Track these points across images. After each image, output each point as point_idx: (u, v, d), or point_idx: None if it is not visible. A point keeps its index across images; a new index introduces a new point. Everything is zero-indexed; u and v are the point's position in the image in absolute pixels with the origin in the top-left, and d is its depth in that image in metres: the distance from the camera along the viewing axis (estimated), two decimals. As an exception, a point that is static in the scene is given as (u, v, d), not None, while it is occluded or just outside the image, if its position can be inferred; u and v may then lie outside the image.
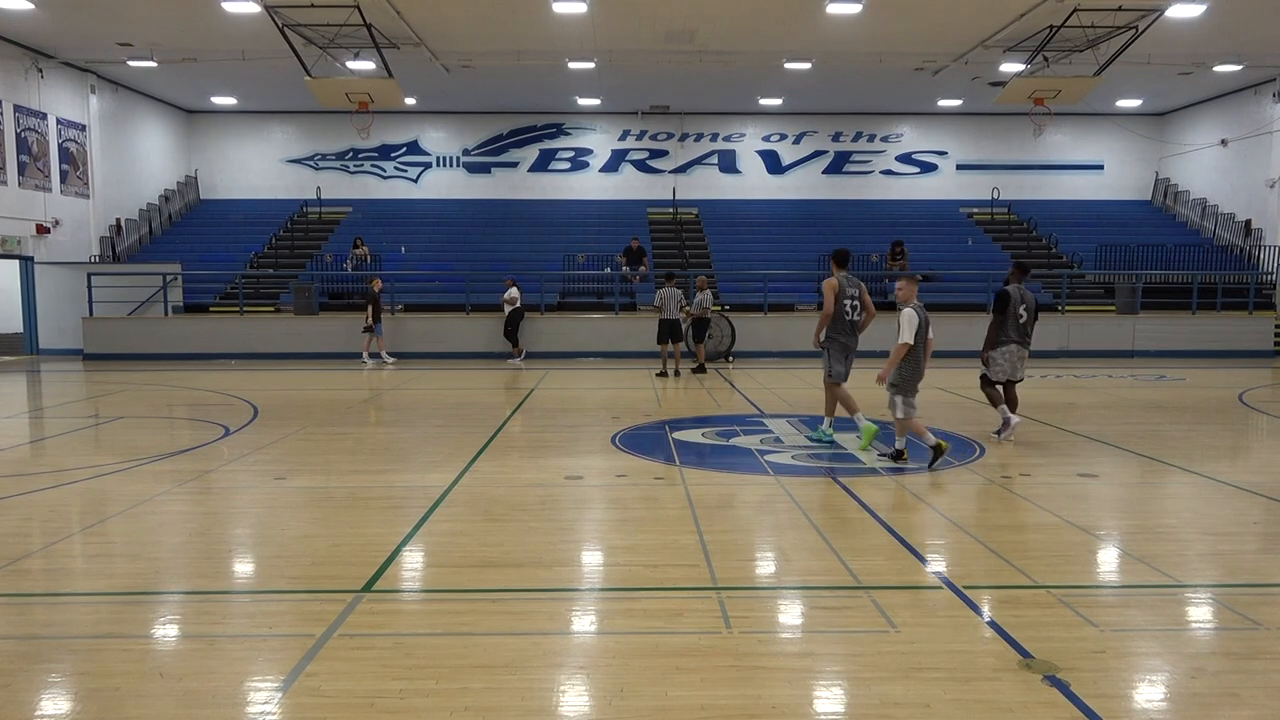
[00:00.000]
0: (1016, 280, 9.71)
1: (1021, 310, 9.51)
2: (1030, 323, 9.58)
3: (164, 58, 20.75)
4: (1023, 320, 9.52)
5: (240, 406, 12.27)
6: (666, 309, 16.40)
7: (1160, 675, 3.88)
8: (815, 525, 6.15)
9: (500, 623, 4.46)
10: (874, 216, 26.95)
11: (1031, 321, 9.60)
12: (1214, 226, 26.06)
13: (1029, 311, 9.55)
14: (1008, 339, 9.49)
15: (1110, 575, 5.37)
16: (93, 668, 3.93)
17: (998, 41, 19.57)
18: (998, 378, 9.60)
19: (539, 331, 20.43)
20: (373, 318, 18.81)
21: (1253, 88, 24.15)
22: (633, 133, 28.50)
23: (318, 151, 28.31)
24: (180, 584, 5.15)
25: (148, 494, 7.13)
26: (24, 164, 20.40)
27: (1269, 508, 6.81)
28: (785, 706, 3.56)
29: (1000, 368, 9.54)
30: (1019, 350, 9.50)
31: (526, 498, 7.06)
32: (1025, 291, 9.59)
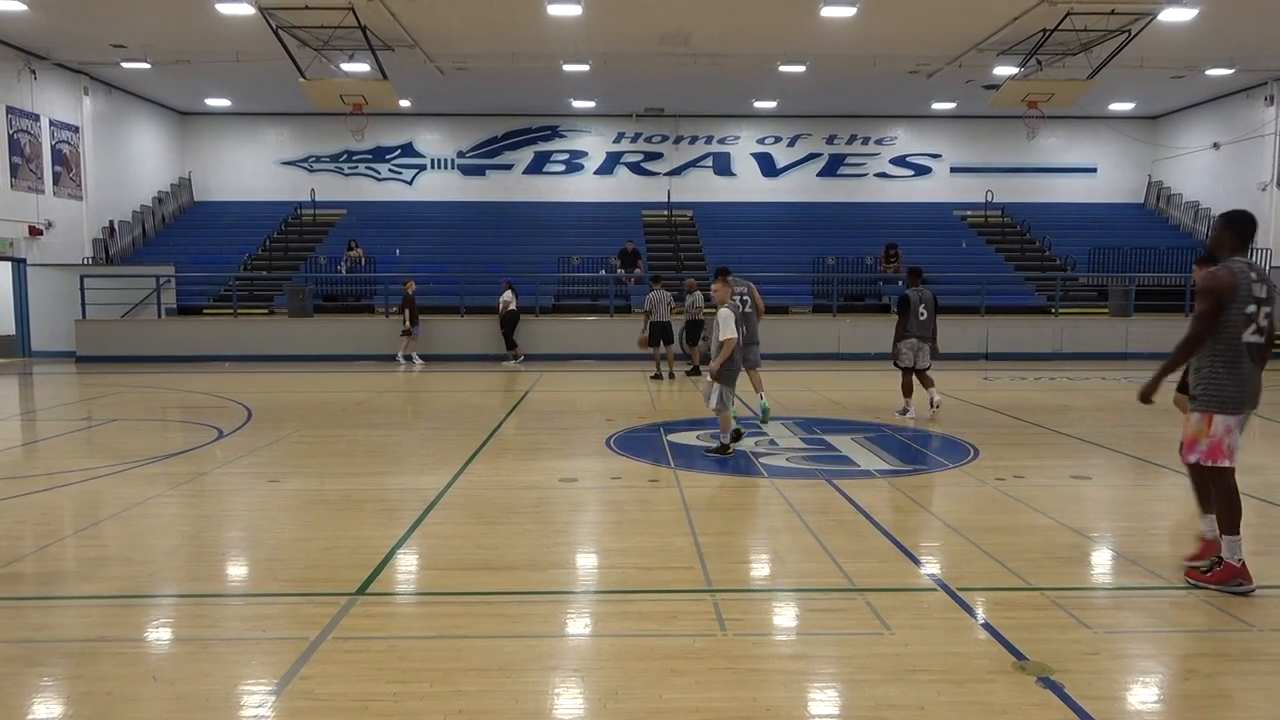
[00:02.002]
0: (914, 284, 11.36)
1: (921, 310, 11.18)
2: (930, 319, 11.23)
3: (158, 59, 20.70)
4: (923, 318, 11.19)
5: (234, 409, 12.23)
6: (657, 312, 16.44)
7: (1153, 677, 3.89)
8: (809, 527, 6.16)
9: (494, 625, 4.45)
10: (868, 219, 26.99)
11: (932, 318, 11.25)
12: (1206, 229, 26.12)
13: (928, 310, 11.22)
14: (911, 334, 11.15)
15: (1104, 577, 5.38)
16: (86, 671, 3.92)
17: (991, 45, 19.63)
18: (904, 364, 11.25)
19: (534, 334, 20.42)
20: (410, 320, 19.10)
21: (1245, 91, 24.26)
22: (627, 135, 28.52)
23: (312, 153, 28.28)
24: (174, 587, 5.14)
25: (141, 497, 7.11)
26: (16, 165, 20.33)
27: (1261, 510, 6.84)
28: (780, 709, 3.56)
29: (905, 357, 11.23)
30: (919, 343, 11.18)
31: (521, 500, 7.05)
32: (924, 293, 11.26)
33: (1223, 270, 4.88)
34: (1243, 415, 4.94)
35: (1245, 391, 4.89)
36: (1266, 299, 4.88)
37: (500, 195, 28.28)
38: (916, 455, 8.98)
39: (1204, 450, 4.98)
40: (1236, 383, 4.87)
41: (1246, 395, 4.90)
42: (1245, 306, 4.81)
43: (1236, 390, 4.88)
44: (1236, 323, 4.82)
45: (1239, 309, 4.81)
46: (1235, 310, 4.81)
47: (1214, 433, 4.92)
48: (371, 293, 22.94)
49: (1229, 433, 4.92)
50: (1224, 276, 4.84)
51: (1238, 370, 4.87)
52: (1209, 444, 4.95)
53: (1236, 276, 4.82)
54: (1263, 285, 4.88)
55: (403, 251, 24.66)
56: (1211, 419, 4.93)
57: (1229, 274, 4.84)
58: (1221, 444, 4.92)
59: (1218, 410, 4.91)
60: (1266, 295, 4.88)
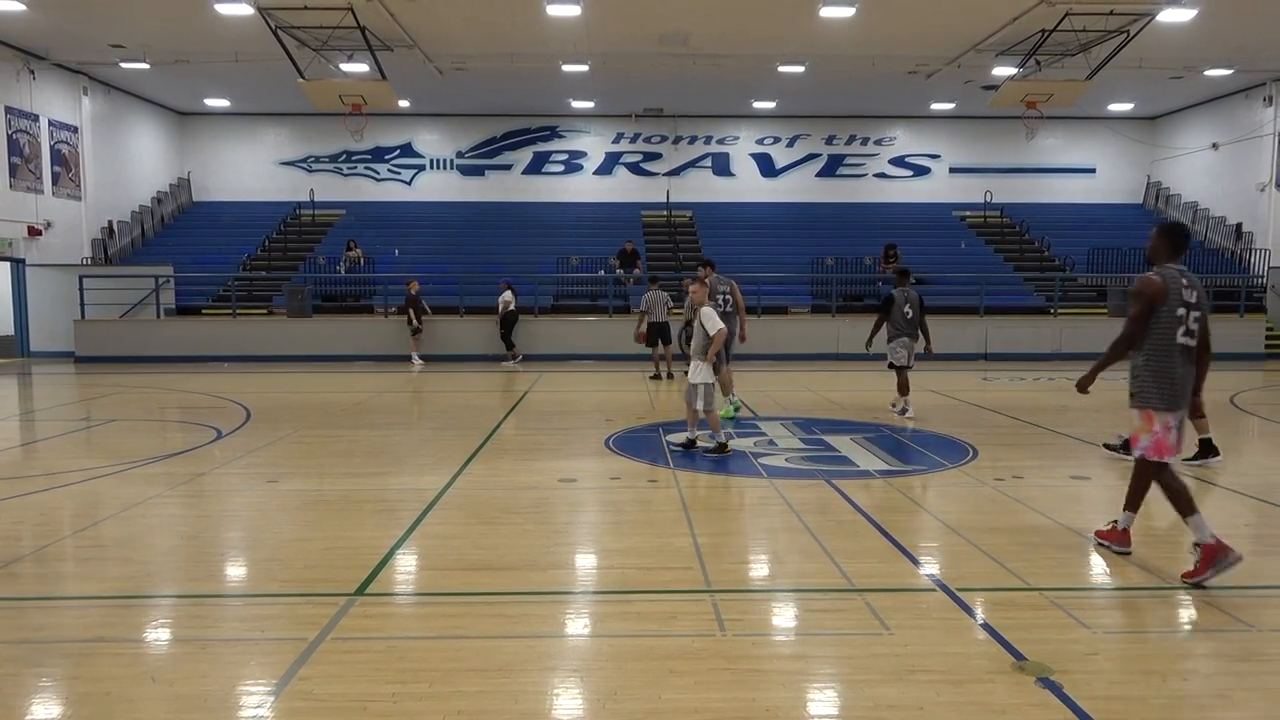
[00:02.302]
0: (901, 285, 11.48)
1: (906, 308, 11.29)
2: (917, 317, 11.35)
3: (156, 59, 20.69)
4: (909, 316, 11.30)
5: (233, 409, 12.23)
6: (654, 312, 16.47)
7: (1153, 677, 3.89)
8: (809, 528, 6.16)
9: (493, 626, 4.45)
10: (867, 219, 27.00)
11: (918, 316, 11.35)
12: (1205, 230, 26.16)
13: (914, 308, 11.31)
14: (900, 332, 11.25)
15: (1103, 577, 5.38)
16: (84, 672, 3.92)
17: (990, 45, 19.64)
18: (900, 363, 11.34)
19: (533, 334, 20.43)
20: (416, 319, 19.20)
21: (1243, 92, 24.27)
22: (626, 135, 28.52)
23: (311, 154, 28.27)
24: (173, 587, 5.13)
25: (140, 497, 7.10)
26: (15, 166, 20.32)
27: (1260, 510, 6.84)
28: (779, 709, 3.56)
29: (899, 355, 11.30)
30: (909, 341, 11.28)
31: (520, 500, 7.05)
32: (909, 292, 11.36)
33: (1155, 276, 5.25)
34: (1178, 413, 5.23)
35: (1178, 390, 5.20)
36: (1196, 304, 5.22)
37: (499, 195, 28.27)
38: (915, 455, 8.98)
39: (1148, 447, 5.28)
40: (1169, 381, 5.19)
41: (1181, 394, 5.21)
42: (1175, 310, 5.17)
43: (1170, 388, 5.19)
44: (1168, 325, 5.17)
45: (1169, 312, 5.17)
46: (1166, 313, 5.17)
47: (1155, 430, 5.23)
48: (370, 293, 22.93)
49: (1168, 430, 5.22)
50: (1155, 282, 5.21)
51: (1171, 370, 5.19)
52: (1152, 441, 5.25)
53: (1167, 282, 5.19)
54: (1193, 291, 5.23)
55: (402, 252, 24.65)
56: (1153, 417, 5.23)
57: (1160, 280, 5.21)
58: (1165, 441, 5.22)
59: (1154, 408, 5.22)
60: (1197, 300, 5.23)
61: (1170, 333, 5.18)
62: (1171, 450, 5.24)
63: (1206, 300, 5.38)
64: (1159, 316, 5.20)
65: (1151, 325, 5.23)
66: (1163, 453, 5.23)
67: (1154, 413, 5.22)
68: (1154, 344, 5.23)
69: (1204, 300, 5.34)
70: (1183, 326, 5.18)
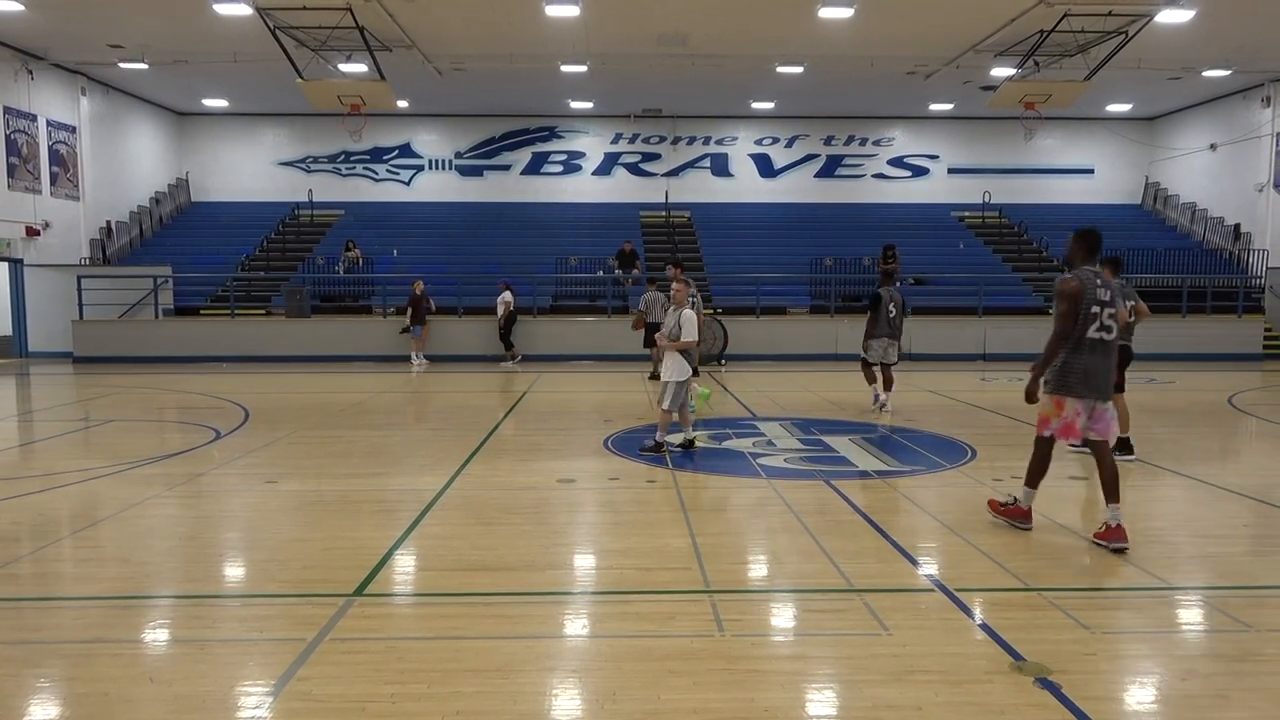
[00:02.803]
0: (885, 285, 11.94)
1: (891, 308, 11.70)
2: (899, 318, 11.83)
3: (155, 60, 20.68)
4: (892, 315, 11.72)
5: (231, 410, 12.22)
6: (652, 312, 16.51)
7: (1151, 677, 3.90)
8: (807, 528, 6.16)
9: (492, 626, 4.45)
10: (866, 220, 27.01)
11: (900, 317, 11.87)
12: (1203, 230, 26.19)
13: (897, 309, 11.78)
14: (881, 332, 11.69)
15: (1101, 578, 5.38)
16: (82, 673, 3.91)
17: (989, 46, 19.65)
18: (873, 360, 11.86)
19: (532, 334, 20.43)
20: (411, 319, 19.34)
21: (1241, 92, 24.30)
22: (625, 136, 28.53)
23: (309, 154, 28.26)
24: (171, 588, 5.13)
25: (138, 497, 7.10)
26: (13, 166, 20.31)
27: (1258, 510, 6.85)
28: (778, 709, 3.56)
29: (875, 353, 11.80)
30: (889, 340, 11.72)
31: (519, 501, 7.05)
32: (894, 293, 11.83)
33: (1072, 278, 5.77)
34: (1088, 400, 5.71)
35: (1089, 380, 5.69)
36: (1110, 301, 5.73)
37: (498, 196, 28.27)
38: (914, 456, 8.98)
39: (1057, 429, 5.80)
40: (1081, 372, 5.68)
41: (1090, 383, 5.69)
42: (1090, 308, 5.67)
43: (1083, 378, 5.68)
44: (1083, 322, 5.68)
45: (1085, 310, 5.68)
46: (1082, 311, 5.68)
47: (1065, 415, 5.74)
48: (369, 293, 22.92)
49: (1078, 415, 5.71)
50: (1073, 283, 5.73)
51: (1082, 361, 5.68)
52: (1061, 423, 5.77)
53: (1084, 283, 5.71)
54: (1106, 290, 5.73)
55: (400, 252, 24.64)
56: (1062, 402, 5.75)
57: (1078, 281, 5.73)
58: (1074, 425, 5.73)
59: (1066, 394, 5.72)
60: (1110, 298, 5.73)
61: (1084, 329, 5.67)
62: (1079, 434, 5.74)
63: (1120, 297, 5.92)
64: (1078, 314, 5.69)
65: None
66: (1069, 435, 5.75)
67: (1066, 399, 5.72)
68: (1070, 339, 5.72)
69: (1117, 298, 5.82)
70: (1097, 322, 5.68)
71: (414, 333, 19.52)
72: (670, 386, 8.73)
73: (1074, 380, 5.69)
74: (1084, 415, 5.72)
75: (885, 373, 11.89)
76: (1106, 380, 5.77)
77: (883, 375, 11.91)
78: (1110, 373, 5.81)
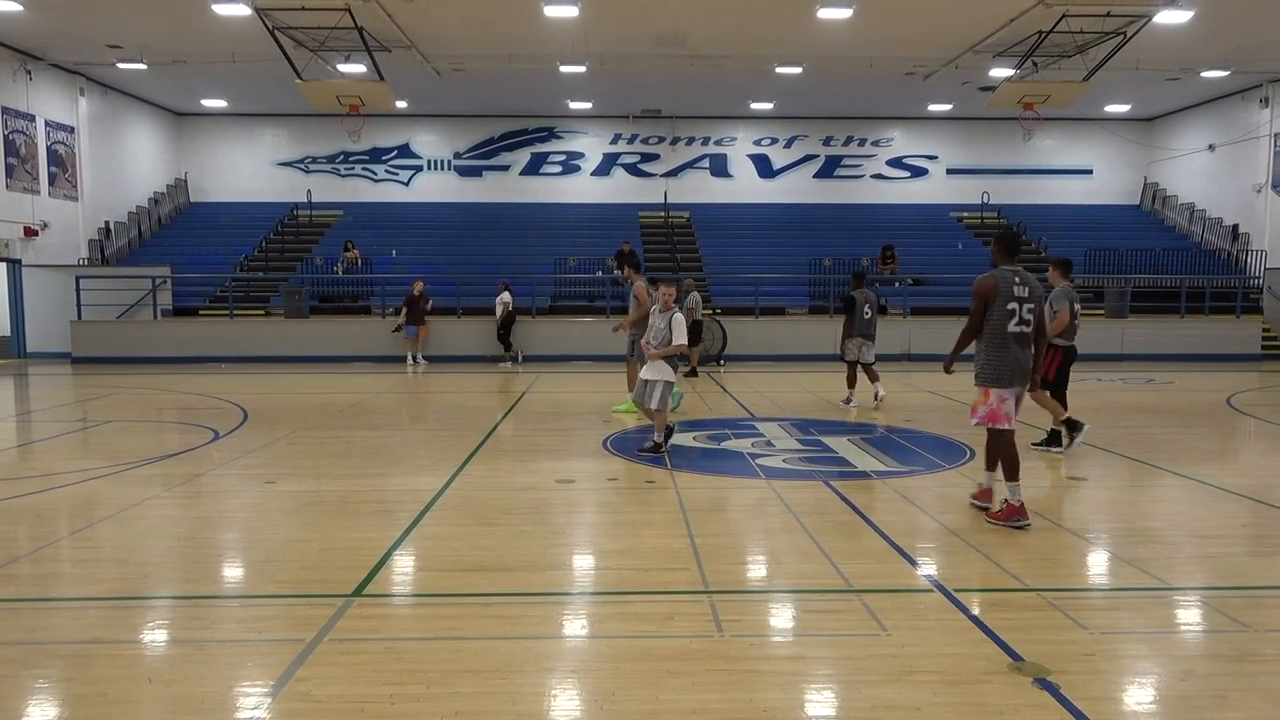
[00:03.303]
0: (858, 286, 12.43)
1: (865, 309, 12.21)
2: (873, 318, 12.33)
3: (154, 60, 20.68)
4: (867, 317, 12.24)
5: (230, 410, 12.22)
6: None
7: (1150, 678, 3.90)
8: (806, 529, 6.16)
9: (491, 627, 4.45)
10: (864, 220, 27.03)
11: (875, 317, 12.34)
12: (1202, 231, 26.22)
13: (871, 310, 12.28)
14: (857, 332, 12.24)
15: (1100, 578, 5.39)
16: (80, 673, 3.91)
17: (987, 47, 19.66)
18: (850, 358, 12.41)
19: (530, 335, 20.43)
20: (406, 319, 19.43)
21: (1240, 93, 24.33)
22: (624, 136, 28.54)
23: (308, 154, 28.26)
24: (169, 588, 5.12)
25: (136, 498, 7.09)
26: (12, 166, 20.30)
27: (1257, 510, 6.85)
28: (776, 710, 3.56)
29: (851, 352, 12.35)
30: (863, 340, 12.26)
31: (518, 501, 7.05)
32: (868, 294, 12.36)
33: (988, 277, 6.22)
34: (1013, 389, 6.20)
35: (1012, 371, 6.15)
36: (1029, 298, 6.16)
37: (497, 196, 28.28)
38: (913, 456, 8.98)
39: (983, 416, 6.25)
40: (1003, 364, 6.14)
41: (1014, 373, 6.15)
42: (1007, 304, 6.11)
43: (1004, 370, 6.14)
44: (1001, 317, 6.11)
45: (1002, 306, 6.11)
46: (999, 307, 6.11)
47: (990, 403, 6.20)
48: (368, 294, 22.92)
49: (1003, 402, 6.17)
50: (988, 282, 6.19)
51: (1004, 354, 6.13)
52: (987, 411, 6.23)
53: (999, 281, 6.15)
54: (1025, 287, 6.17)
55: (399, 253, 24.64)
56: (988, 392, 6.22)
57: (992, 280, 6.18)
58: (999, 412, 6.18)
59: (991, 385, 6.20)
60: (1029, 295, 6.17)
61: (1003, 323, 6.12)
62: (1005, 419, 6.19)
63: (1041, 294, 6.31)
64: (994, 310, 6.13)
65: (988, 317, 6.16)
66: (997, 421, 6.20)
67: (990, 389, 6.20)
68: (990, 333, 6.16)
69: (1037, 294, 6.23)
70: (1015, 317, 6.12)
71: (408, 333, 19.53)
72: (659, 386, 8.78)
73: (1000, 372, 6.14)
74: (1009, 402, 6.21)
75: (867, 370, 12.38)
76: (1025, 371, 6.22)
77: (865, 372, 12.40)
78: (1029, 364, 6.24)
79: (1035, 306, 6.19)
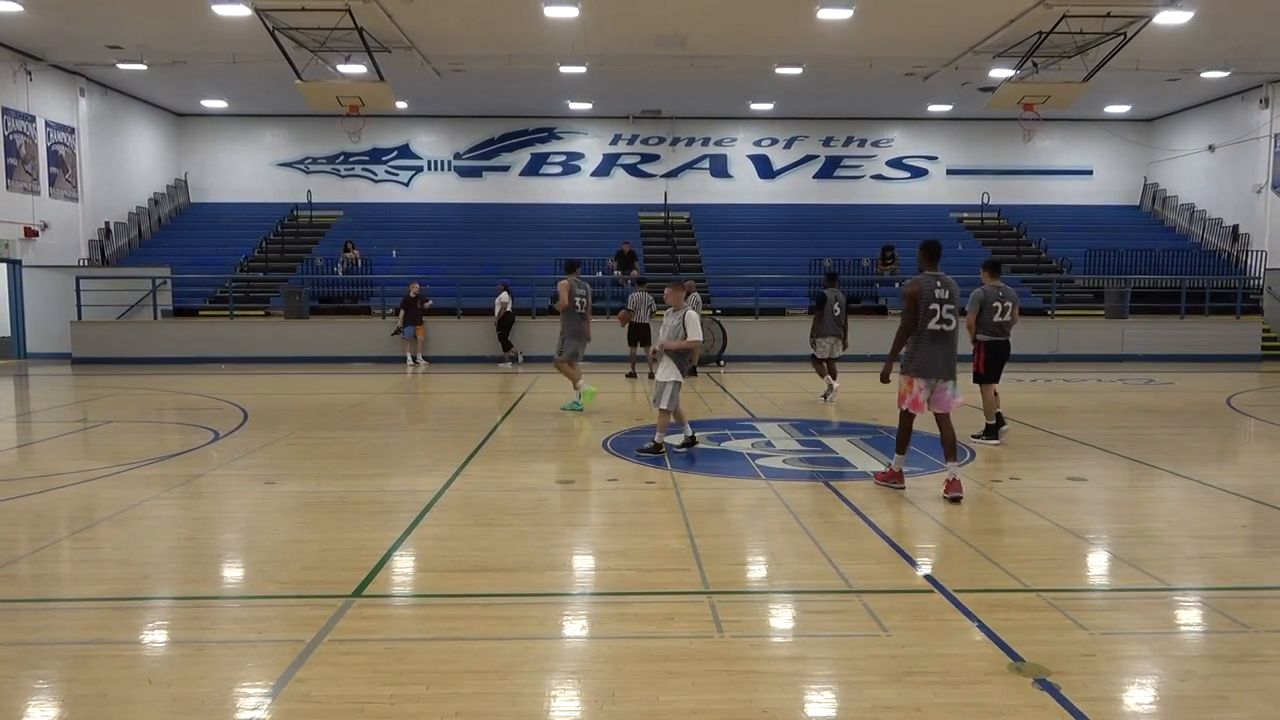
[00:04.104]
0: (830, 286, 13.09)
1: (835, 308, 12.88)
2: (843, 316, 12.98)
3: (154, 60, 20.67)
4: (836, 315, 12.90)
5: (230, 411, 12.22)
6: (637, 313, 16.66)
7: (1150, 678, 3.90)
8: (806, 529, 6.16)
9: (491, 627, 4.45)
10: (864, 221, 27.02)
11: (844, 315, 13.00)
12: (1202, 231, 26.22)
13: (841, 309, 12.97)
14: (827, 331, 12.89)
15: (1100, 579, 5.39)
16: (80, 674, 3.91)
17: (987, 47, 19.66)
18: (821, 355, 13.05)
19: (530, 336, 20.41)
20: (404, 320, 19.45)
21: (1240, 94, 24.32)
22: (624, 137, 28.53)
23: (308, 155, 28.26)
24: (169, 589, 5.12)
25: (136, 499, 7.09)
26: (12, 167, 20.30)
27: (1257, 511, 6.85)
28: (776, 710, 3.56)
29: (822, 349, 13.01)
30: (834, 338, 12.96)
31: (517, 502, 7.05)
32: (838, 293, 12.99)
33: (912, 282, 7.02)
34: (930, 379, 6.98)
35: (932, 363, 6.95)
36: (949, 299, 6.98)
37: (497, 197, 28.27)
38: (913, 457, 8.96)
39: (909, 402, 7.06)
40: (924, 357, 6.96)
41: (933, 366, 6.96)
42: (929, 305, 6.92)
43: (925, 362, 6.96)
44: (925, 317, 6.92)
45: (925, 307, 6.92)
46: (923, 308, 6.92)
47: (913, 391, 7.01)
48: (368, 294, 22.92)
49: (921, 391, 6.99)
50: (913, 286, 6.98)
51: (924, 349, 6.95)
52: (911, 398, 7.03)
53: (922, 285, 6.96)
54: (945, 289, 6.98)
55: (399, 253, 24.64)
56: (911, 381, 7.02)
57: (917, 284, 6.97)
58: (919, 398, 7.01)
59: (914, 375, 7.01)
60: (949, 297, 6.98)
61: (926, 322, 6.91)
62: (920, 406, 7.02)
63: (959, 296, 7.08)
64: (919, 311, 6.90)
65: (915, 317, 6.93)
66: (916, 407, 7.03)
67: (912, 378, 7.00)
68: (915, 331, 6.96)
69: (955, 296, 7.02)
70: (936, 316, 6.92)
71: (406, 334, 19.56)
72: (667, 387, 8.75)
73: (920, 364, 6.97)
74: (926, 391, 6.99)
75: (830, 366, 13.08)
76: (947, 364, 6.98)
77: (829, 366, 13.10)
78: (951, 358, 7.01)
79: (955, 307, 6.99)
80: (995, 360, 9.72)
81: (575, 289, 11.92)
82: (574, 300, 11.88)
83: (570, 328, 11.97)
